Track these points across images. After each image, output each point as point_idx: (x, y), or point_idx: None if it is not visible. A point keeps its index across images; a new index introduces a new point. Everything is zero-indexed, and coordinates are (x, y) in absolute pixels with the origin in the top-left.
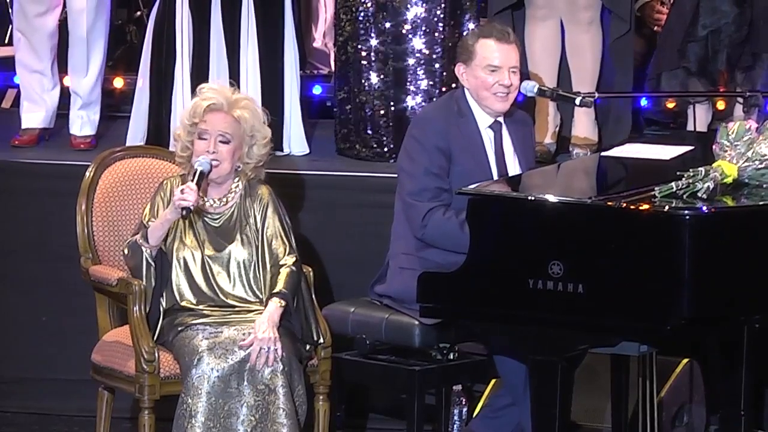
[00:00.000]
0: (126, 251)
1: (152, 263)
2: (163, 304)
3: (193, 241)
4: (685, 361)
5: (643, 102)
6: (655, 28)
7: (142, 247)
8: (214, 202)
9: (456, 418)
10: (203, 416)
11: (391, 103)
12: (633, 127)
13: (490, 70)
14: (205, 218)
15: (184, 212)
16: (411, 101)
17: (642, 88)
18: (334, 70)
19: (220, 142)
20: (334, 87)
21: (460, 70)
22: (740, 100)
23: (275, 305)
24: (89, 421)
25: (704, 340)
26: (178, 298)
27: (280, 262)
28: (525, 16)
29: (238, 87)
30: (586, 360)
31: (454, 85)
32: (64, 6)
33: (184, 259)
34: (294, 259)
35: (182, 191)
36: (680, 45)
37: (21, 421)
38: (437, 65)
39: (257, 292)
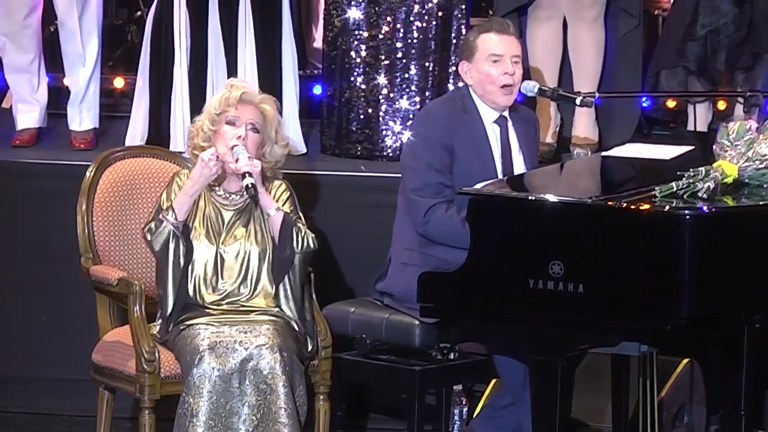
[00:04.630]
0: (148, 237)
1: (179, 235)
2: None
3: (210, 233)
4: (685, 361)
5: (644, 101)
6: (656, 12)
7: (165, 221)
8: (230, 195)
9: (456, 418)
10: (204, 415)
11: (381, 100)
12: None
13: (492, 60)
14: (221, 211)
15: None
16: (401, 98)
17: (642, 86)
18: (323, 67)
19: (250, 129)
20: (322, 84)
21: (463, 68)
22: (741, 99)
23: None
24: (90, 421)
25: (704, 340)
26: (193, 289)
27: None
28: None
29: None
30: (586, 360)
31: (457, 83)
32: (47, 6)
33: (199, 251)
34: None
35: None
36: (679, 44)
37: (21, 421)
38: (428, 60)
39: (265, 291)
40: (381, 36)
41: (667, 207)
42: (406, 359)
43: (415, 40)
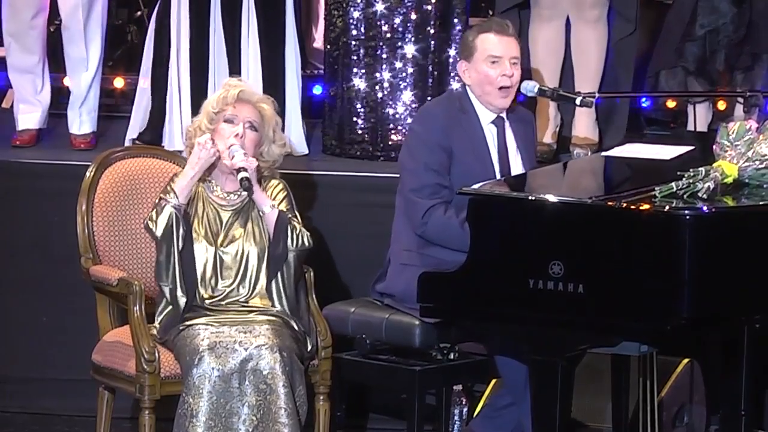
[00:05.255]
0: (150, 224)
1: (180, 217)
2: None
3: (208, 233)
4: (685, 361)
5: (644, 102)
6: None
7: (166, 203)
8: (227, 195)
9: (456, 418)
10: (204, 416)
11: (381, 100)
12: (633, 127)
13: (491, 61)
14: (219, 212)
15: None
16: (401, 98)
17: (642, 86)
18: (324, 67)
19: (248, 128)
20: (324, 84)
21: (462, 67)
22: (740, 100)
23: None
24: (89, 421)
25: (704, 340)
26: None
27: None
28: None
29: None
30: (586, 360)
31: (456, 83)
32: (51, 6)
33: (198, 252)
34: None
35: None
36: (678, 44)
37: (21, 421)
38: (428, 61)
39: (264, 291)
40: (381, 36)
41: (667, 207)
42: (406, 359)
43: (414, 41)
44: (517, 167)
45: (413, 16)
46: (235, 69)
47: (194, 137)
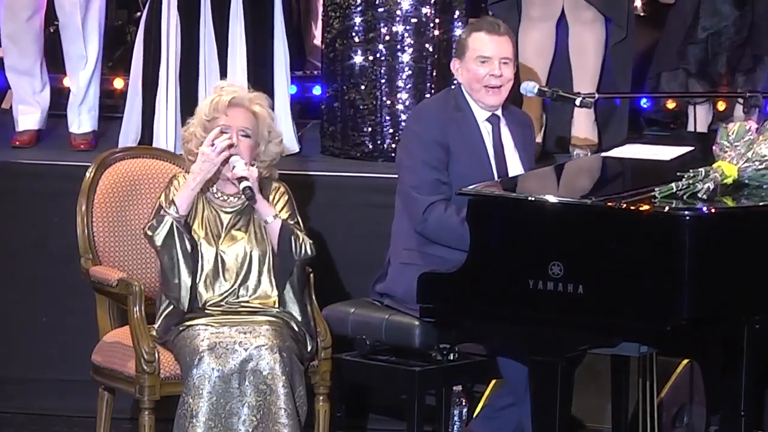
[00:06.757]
0: (149, 233)
1: (182, 228)
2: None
3: (209, 235)
4: (685, 361)
5: (644, 102)
6: None
7: (166, 215)
8: (228, 197)
9: (456, 418)
10: (204, 416)
11: (380, 102)
12: (633, 128)
13: (480, 61)
14: (219, 213)
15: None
16: (400, 99)
17: (643, 87)
18: (322, 68)
19: (242, 136)
20: (322, 84)
21: (455, 65)
22: (740, 100)
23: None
24: (89, 422)
25: (704, 340)
26: (196, 294)
27: None
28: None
29: None
30: (586, 360)
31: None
32: (50, 7)
33: (201, 254)
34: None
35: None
36: (680, 46)
37: (21, 421)
38: (427, 62)
39: (265, 293)
40: (380, 37)
41: (667, 207)
42: (405, 360)
43: (413, 41)
44: (514, 166)
45: (412, 18)
46: (223, 70)
47: (189, 143)
